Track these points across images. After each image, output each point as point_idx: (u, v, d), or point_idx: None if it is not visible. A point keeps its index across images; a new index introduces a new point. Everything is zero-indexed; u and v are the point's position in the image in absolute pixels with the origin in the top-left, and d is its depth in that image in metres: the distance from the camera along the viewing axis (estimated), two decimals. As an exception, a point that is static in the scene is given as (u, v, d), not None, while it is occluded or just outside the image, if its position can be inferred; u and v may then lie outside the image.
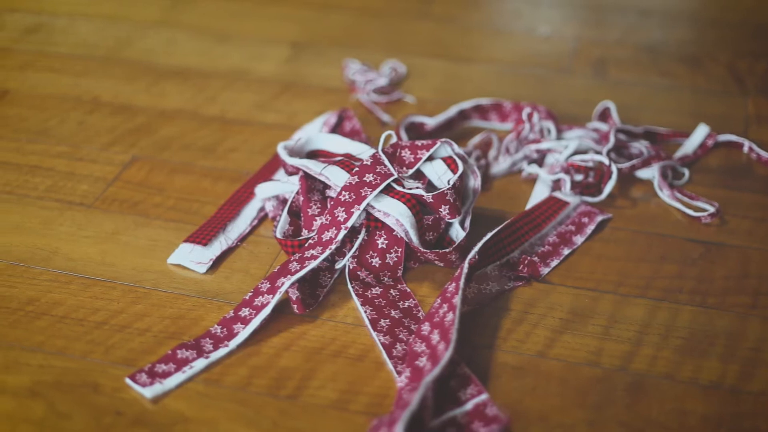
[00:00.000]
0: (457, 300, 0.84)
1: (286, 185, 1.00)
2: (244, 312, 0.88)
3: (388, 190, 0.93)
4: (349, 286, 0.92)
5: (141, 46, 1.38)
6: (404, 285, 0.93)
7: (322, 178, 0.95)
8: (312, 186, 0.98)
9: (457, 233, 0.96)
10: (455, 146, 0.98)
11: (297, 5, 1.48)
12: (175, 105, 1.23)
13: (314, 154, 1.03)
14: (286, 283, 0.88)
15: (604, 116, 1.18)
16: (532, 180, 1.09)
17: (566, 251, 0.98)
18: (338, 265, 0.94)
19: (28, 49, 1.38)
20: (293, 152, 1.02)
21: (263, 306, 0.87)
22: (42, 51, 1.37)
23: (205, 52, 1.36)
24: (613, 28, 1.44)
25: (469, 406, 0.79)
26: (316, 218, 0.95)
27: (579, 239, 1.00)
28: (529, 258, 0.95)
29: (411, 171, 0.97)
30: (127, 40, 1.39)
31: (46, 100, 1.25)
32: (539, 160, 1.11)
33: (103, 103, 1.24)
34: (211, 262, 0.95)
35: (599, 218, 1.02)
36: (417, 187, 0.94)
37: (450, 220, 0.95)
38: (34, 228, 1.01)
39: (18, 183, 1.08)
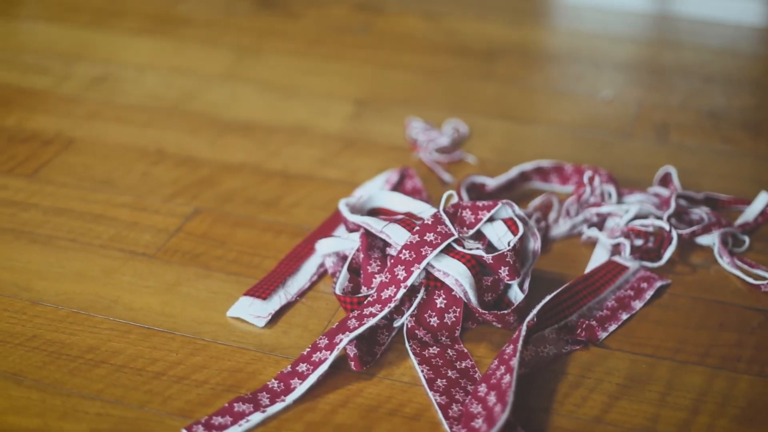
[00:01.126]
0: (514, 362, 0.84)
1: (346, 242, 1.01)
2: (302, 367, 0.88)
3: (449, 250, 0.93)
4: (407, 344, 0.92)
5: (207, 99, 1.40)
6: (462, 345, 0.93)
7: (383, 236, 0.96)
8: (372, 243, 0.98)
9: (516, 295, 0.96)
10: (516, 208, 0.98)
11: (361, 63, 1.50)
12: (238, 158, 1.25)
13: (375, 212, 1.04)
14: (344, 339, 0.88)
15: (665, 181, 1.17)
16: (592, 243, 1.09)
17: (624, 316, 0.98)
18: (396, 324, 0.94)
19: (95, 98, 1.40)
20: (355, 209, 1.03)
21: (321, 362, 0.88)
22: (109, 101, 1.40)
23: (269, 107, 1.37)
24: (675, 92, 1.44)
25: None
26: (376, 276, 0.96)
27: (638, 304, 0.99)
28: (587, 322, 0.95)
29: (471, 231, 0.97)
30: (193, 93, 1.41)
31: (111, 149, 1.27)
32: (599, 223, 1.11)
33: (168, 155, 1.25)
34: (270, 316, 0.96)
35: (658, 284, 1.02)
36: (477, 248, 0.94)
37: (509, 282, 0.95)
38: (96, 276, 1.02)
39: (82, 231, 1.10)
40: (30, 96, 1.41)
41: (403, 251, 0.93)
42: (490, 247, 0.97)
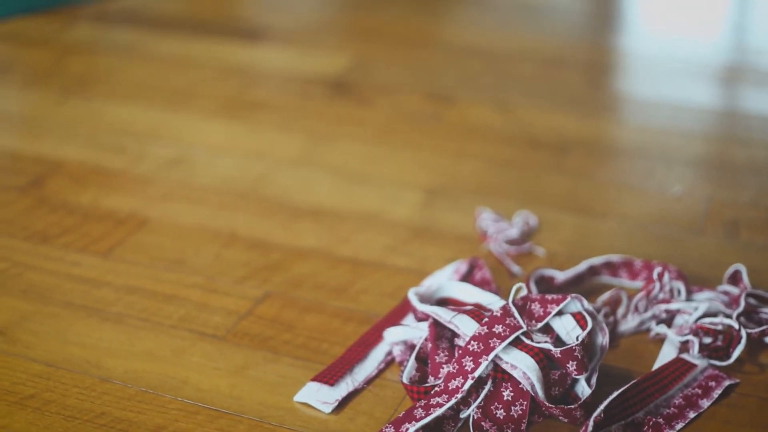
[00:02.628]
0: (581, 459, 0.84)
1: (414, 331, 1.01)
2: (367, 455, 0.88)
3: (517, 343, 0.94)
4: (473, 436, 0.92)
5: (279, 183, 1.41)
6: (527, 439, 0.93)
7: (452, 326, 0.96)
8: (441, 333, 0.98)
9: (583, 390, 0.96)
10: (585, 302, 0.98)
11: (432, 151, 1.51)
12: (309, 243, 1.26)
13: (444, 302, 1.04)
14: (410, 429, 0.88)
15: (735, 279, 1.17)
16: (660, 340, 1.08)
17: (692, 414, 0.97)
18: (463, 415, 0.94)
19: (169, 179, 1.43)
20: (423, 298, 1.03)
21: (386, 451, 0.88)
22: (183, 182, 1.42)
23: (341, 193, 1.39)
24: (746, 189, 1.44)
25: None
26: (444, 366, 0.96)
27: (705, 403, 0.98)
28: (654, 419, 0.94)
29: (540, 325, 0.97)
30: (266, 176, 1.43)
31: (184, 230, 1.29)
32: (668, 320, 1.10)
33: (240, 237, 1.27)
34: (336, 403, 0.96)
35: (726, 383, 1.01)
36: (545, 341, 0.94)
37: (577, 377, 0.94)
38: (165, 356, 1.03)
39: (153, 310, 1.11)
40: (106, 175, 1.44)
41: (472, 342, 0.93)
42: (558, 341, 0.97)
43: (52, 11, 2.08)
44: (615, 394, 0.94)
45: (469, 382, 0.91)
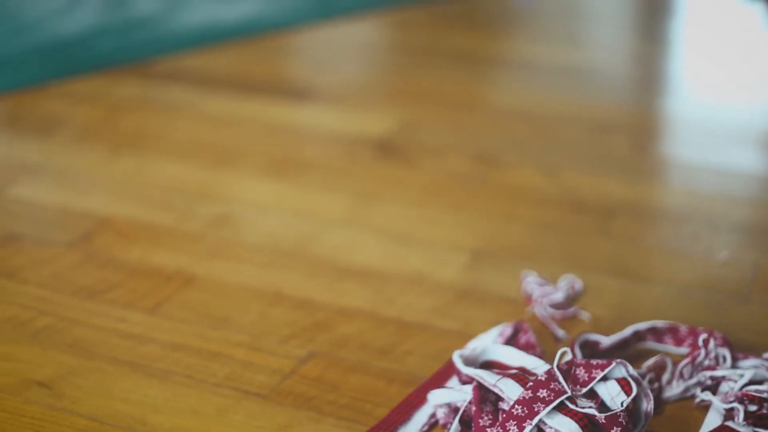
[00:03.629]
0: None
1: (458, 393, 1.01)
2: None
3: (561, 407, 0.93)
4: (516, 501, 0.92)
5: (325, 243, 1.42)
6: (571, 505, 0.92)
7: (496, 390, 0.96)
8: (485, 396, 0.98)
9: (628, 456, 0.95)
10: (630, 367, 0.98)
11: (478, 214, 1.52)
12: (354, 304, 1.26)
13: (489, 365, 1.04)
14: (453, 493, 0.88)
15: (782, 347, 1.16)
16: (705, 407, 1.07)
17: (738, 483, 0.96)
18: (506, 479, 0.93)
19: (217, 236, 1.44)
20: (468, 361, 1.03)
21: None
22: (230, 240, 1.43)
23: (386, 254, 1.39)
24: (794, 257, 1.43)
25: None
26: (488, 429, 0.96)
27: (751, 472, 0.97)
28: (700, 488, 0.93)
29: (584, 390, 0.97)
30: (312, 236, 1.44)
31: (230, 288, 1.30)
32: (713, 387, 1.09)
33: (285, 296, 1.28)
34: (379, 464, 0.96)
35: (773, 452, 1.00)
36: (590, 407, 0.94)
37: (621, 443, 0.94)
38: (209, 414, 1.04)
39: (198, 368, 1.12)
40: (153, 231, 1.46)
41: (516, 406, 0.93)
42: (602, 407, 0.97)
43: (103, 70, 2.11)
44: (660, 461, 0.93)
45: (513, 447, 0.91)
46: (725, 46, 2.37)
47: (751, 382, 1.07)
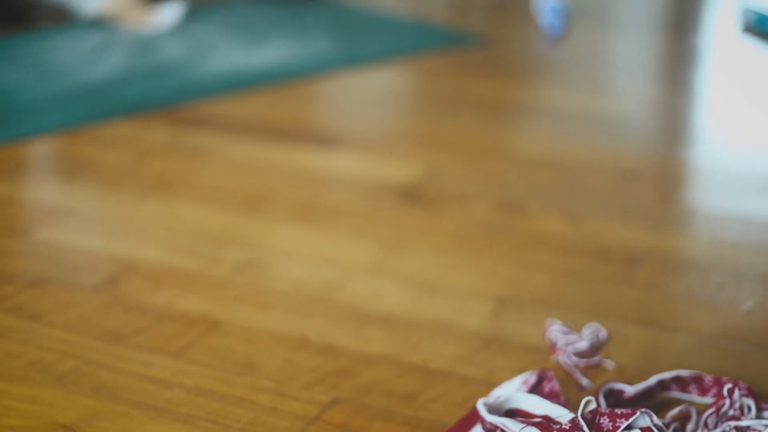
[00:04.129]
0: None
1: (483, 442, 1.01)
2: None
3: (586, 457, 0.93)
4: None
5: (350, 289, 1.43)
6: None
7: (520, 439, 0.96)
8: (509, 445, 0.98)
9: (652, 507, 0.95)
10: (654, 417, 0.98)
11: (502, 262, 1.52)
12: (379, 350, 1.26)
13: (513, 413, 1.04)
14: None
15: (809, 399, 1.15)
16: (731, 458, 1.07)
17: None
18: None
19: (242, 282, 1.45)
20: (492, 409, 1.03)
21: None
22: (256, 285, 1.44)
23: (411, 301, 1.40)
24: (820, 307, 1.43)
25: None
26: (512, 478, 0.96)
27: None
28: None
29: (609, 439, 0.97)
30: (338, 282, 1.45)
31: (255, 334, 1.30)
32: (739, 438, 1.09)
33: (310, 342, 1.28)
34: None
35: (798, 504, 1.00)
36: (614, 457, 0.94)
37: (646, 494, 0.94)
38: (234, 459, 1.04)
39: (222, 413, 1.12)
40: (180, 276, 1.46)
41: (540, 455, 0.93)
42: (627, 457, 0.97)
43: (131, 115, 2.13)
44: None
45: (537, 496, 0.91)
46: (749, 94, 2.37)
47: (776, 433, 1.07)
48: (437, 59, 2.52)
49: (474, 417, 1.10)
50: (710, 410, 1.11)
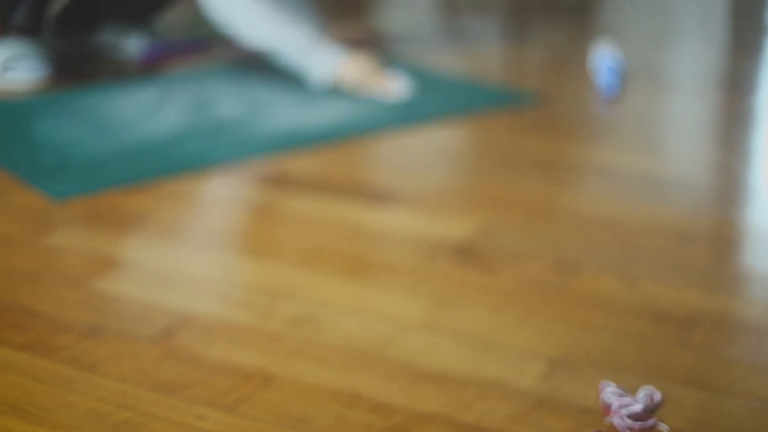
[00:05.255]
0: None
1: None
2: None
3: None
4: None
5: (403, 346, 1.43)
6: None
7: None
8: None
9: None
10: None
11: (557, 321, 1.52)
12: (431, 408, 1.26)
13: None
14: None
15: None
16: None
17: None
18: None
19: (296, 336, 1.45)
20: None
21: None
22: (309, 340, 1.44)
23: (464, 359, 1.40)
24: None
25: None
26: None
27: None
28: None
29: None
30: (391, 338, 1.45)
31: (308, 389, 1.31)
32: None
33: (363, 399, 1.28)
34: None
35: None
36: None
37: None
38: None
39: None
40: (235, 329, 1.47)
41: None
42: None
43: (188, 171, 2.15)
44: None
45: None
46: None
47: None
48: (493, 118, 2.53)
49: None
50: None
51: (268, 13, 2.67)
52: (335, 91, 2.67)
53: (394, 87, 2.67)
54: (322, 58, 2.67)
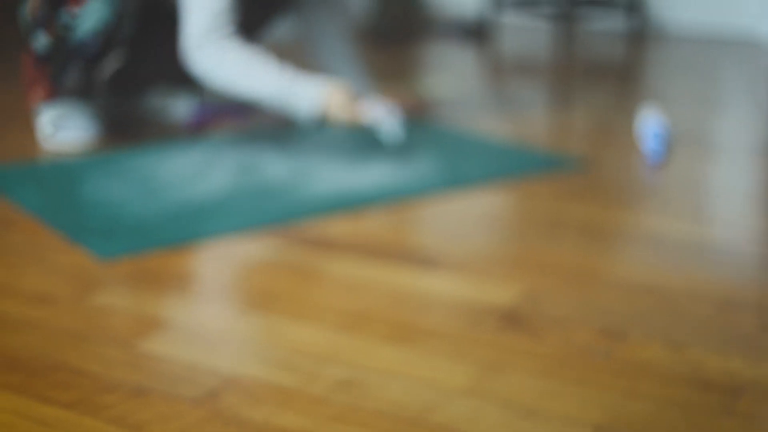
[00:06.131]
0: None
1: None
2: None
3: None
4: None
5: (447, 412, 1.43)
6: None
7: None
8: None
9: None
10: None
11: (601, 388, 1.51)
12: (475, 475, 1.26)
13: None
14: None
15: None
16: None
17: None
18: None
19: (341, 401, 1.45)
20: None
21: None
22: (354, 405, 1.44)
23: (509, 425, 1.39)
24: None
25: None
26: None
27: None
28: None
29: None
30: (435, 404, 1.45)
31: (352, 453, 1.31)
32: None
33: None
34: None
35: None
36: None
37: None
38: None
39: None
40: (279, 392, 1.48)
41: None
42: None
43: (235, 233, 2.17)
44: None
45: None
46: None
47: None
48: (538, 182, 2.54)
49: None
50: None
51: (243, 63, 2.70)
52: (325, 124, 2.71)
53: (382, 114, 2.69)
54: (305, 93, 2.69)
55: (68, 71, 2.84)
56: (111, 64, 3.18)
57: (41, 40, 2.83)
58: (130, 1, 2.76)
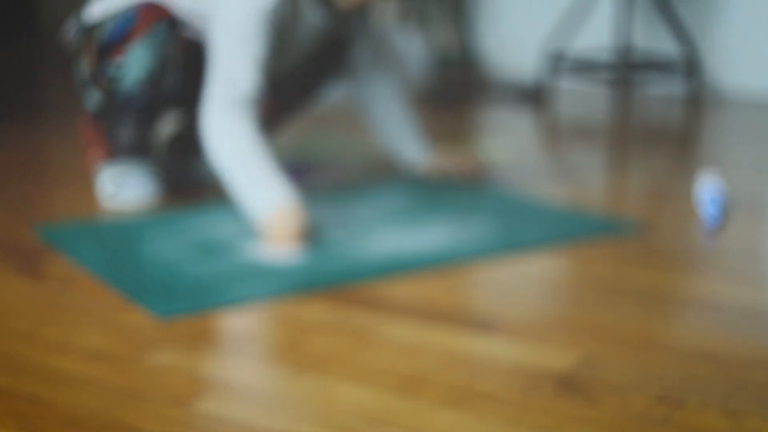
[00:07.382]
0: None
1: None
2: None
3: None
4: None
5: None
6: None
7: None
8: None
9: None
10: None
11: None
12: None
13: None
14: None
15: None
16: None
17: None
18: None
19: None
20: None
21: None
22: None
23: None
24: None
25: None
26: None
27: None
28: None
29: None
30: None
31: None
32: None
33: None
34: None
35: None
36: None
37: None
38: None
39: None
40: (334, 455, 1.48)
41: None
42: None
43: (292, 294, 2.18)
44: None
45: None
46: None
47: None
48: (595, 247, 2.53)
49: None
50: None
51: (242, 147, 2.55)
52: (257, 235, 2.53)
53: (283, 252, 2.46)
54: (257, 202, 2.50)
55: (122, 126, 2.86)
56: (170, 126, 3.22)
57: (94, 97, 2.87)
58: (171, 44, 2.75)
